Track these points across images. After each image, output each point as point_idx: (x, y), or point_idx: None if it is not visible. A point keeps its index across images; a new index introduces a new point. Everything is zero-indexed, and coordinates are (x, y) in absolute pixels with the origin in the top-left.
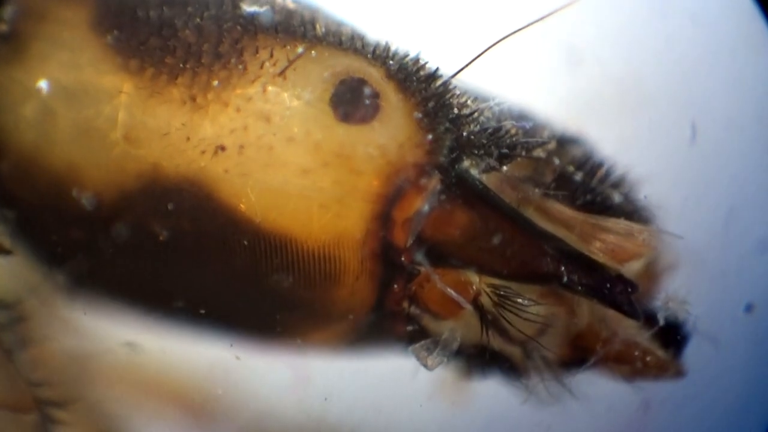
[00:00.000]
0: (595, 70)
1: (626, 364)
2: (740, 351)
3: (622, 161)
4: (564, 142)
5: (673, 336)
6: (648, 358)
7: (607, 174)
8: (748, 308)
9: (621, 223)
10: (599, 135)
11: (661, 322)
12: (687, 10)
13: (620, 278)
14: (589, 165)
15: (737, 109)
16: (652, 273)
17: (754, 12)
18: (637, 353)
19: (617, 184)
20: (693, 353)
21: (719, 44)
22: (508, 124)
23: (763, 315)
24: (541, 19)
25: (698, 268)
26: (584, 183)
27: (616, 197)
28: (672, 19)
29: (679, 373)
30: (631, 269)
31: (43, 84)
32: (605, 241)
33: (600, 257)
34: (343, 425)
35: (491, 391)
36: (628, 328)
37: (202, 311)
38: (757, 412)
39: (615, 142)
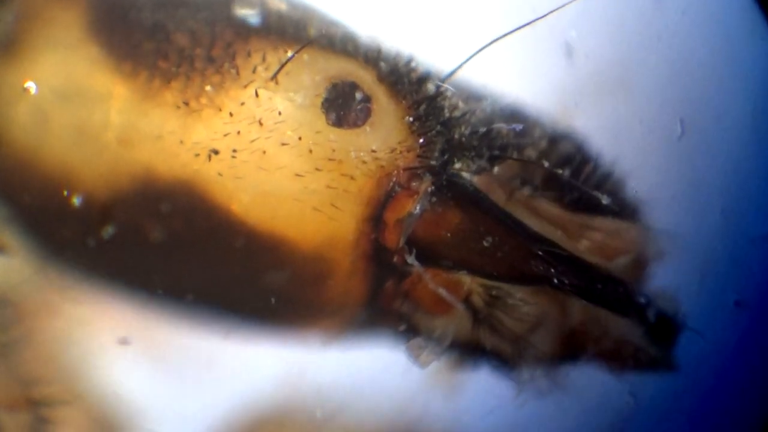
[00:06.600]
0: (585, 62)
1: (618, 360)
2: (731, 345)
3: (610, 155)
4: (554, 140)
5: (664, 330)
6: (640, 354)
7: (594, 171)
8: (739, 303)
9: (607, 221)
10: (588, 128)
11: (652, 317)
12: (679, 2)
13: (609, 277)
14: (577, 163)
15: (730, 103)
16: (640, 268)
17: (750, 3)
18: (628, 350)
19: (604, 182)
20: (683, 348)
21: (714, 35)
22: (499, 125)
23: (754, 309)
24: (537, 20)
25: (688, 262)
26: (572, 181)
27: (603, 195)
28: (664, 10)
29: (670, 367)
30: (618, 265)
31: (31, 84)
32: (592, 239)
33: (587, 256)
34: (335, 418)
35: (483, 384)
36: (620, 325)
37: (195, 307)
38: (748, 406)
39: (603, 136)
